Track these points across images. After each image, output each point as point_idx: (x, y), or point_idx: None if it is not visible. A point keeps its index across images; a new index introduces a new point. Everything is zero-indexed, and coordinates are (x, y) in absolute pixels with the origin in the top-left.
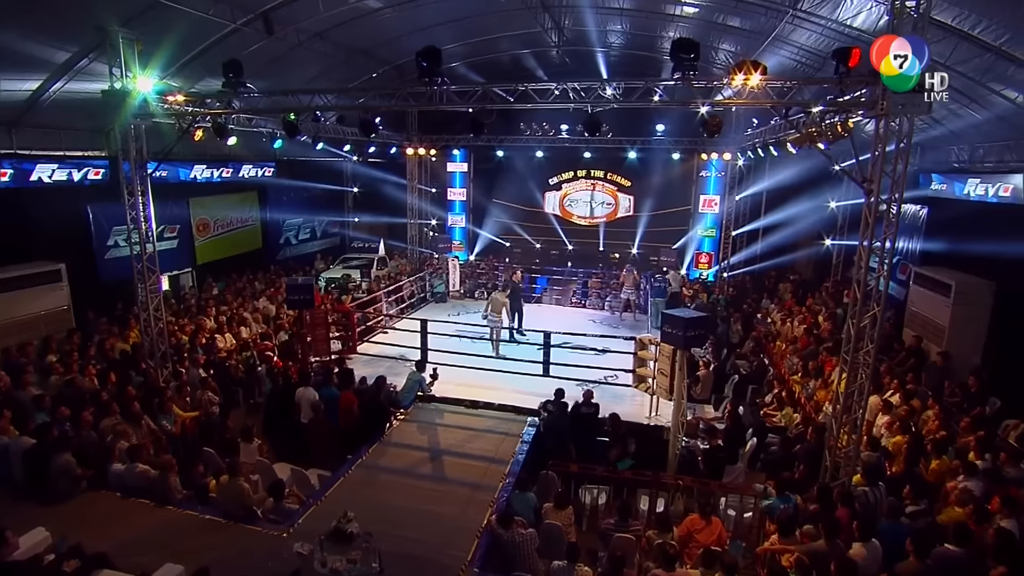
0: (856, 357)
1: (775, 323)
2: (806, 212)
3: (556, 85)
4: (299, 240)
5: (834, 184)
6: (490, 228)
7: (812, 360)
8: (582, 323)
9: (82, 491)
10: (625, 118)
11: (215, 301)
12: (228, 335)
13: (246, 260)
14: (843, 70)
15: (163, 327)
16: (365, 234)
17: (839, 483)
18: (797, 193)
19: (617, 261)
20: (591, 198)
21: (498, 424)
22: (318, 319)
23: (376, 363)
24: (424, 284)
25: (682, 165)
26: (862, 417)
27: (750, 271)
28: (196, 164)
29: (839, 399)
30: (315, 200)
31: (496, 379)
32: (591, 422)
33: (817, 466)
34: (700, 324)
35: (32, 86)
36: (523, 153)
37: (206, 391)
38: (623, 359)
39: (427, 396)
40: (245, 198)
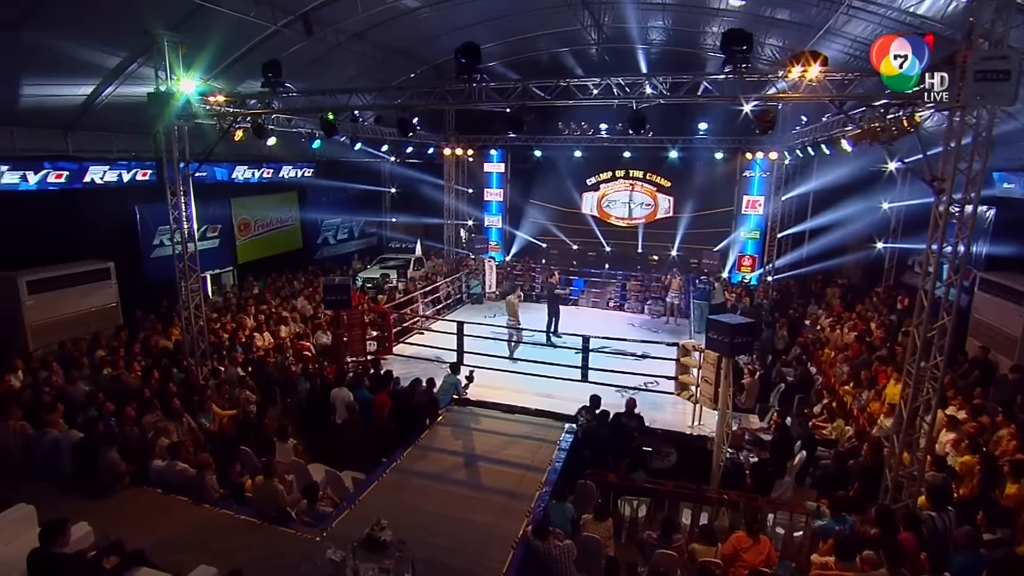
0: (922, 371)
1: (823, 329)
2: (856, 214)
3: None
4: (337, 240)
5: (888, 184)
6: (526, 229)
7: (864, 369)
8: (621, 327)
9: (125, 487)
10: (666, 117)
11: (255, 300)
12: (267, 334)
13: (286, 260)
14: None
15: (203, 325)
16: (402, 234)
17: (902, 505)
18: (847, 194)
19: (657, 264)
20: (629, 199)
21: (534, 430)
22: (355, 319)
23: (412, 364)
24: (460, 285)
25: (725, 165)
26: (928, 435)
27: (795, 275)
28: (238, 165)
29: (901, 414)
30: (353, 200)
31: (533, 383)
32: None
33: (874, 485)
34: (747, 331)
35: (87, 91)
36: (561, 153)
37: (244, 390)
38: (664, 365)
39: (462, 399)
40: (285, 198)
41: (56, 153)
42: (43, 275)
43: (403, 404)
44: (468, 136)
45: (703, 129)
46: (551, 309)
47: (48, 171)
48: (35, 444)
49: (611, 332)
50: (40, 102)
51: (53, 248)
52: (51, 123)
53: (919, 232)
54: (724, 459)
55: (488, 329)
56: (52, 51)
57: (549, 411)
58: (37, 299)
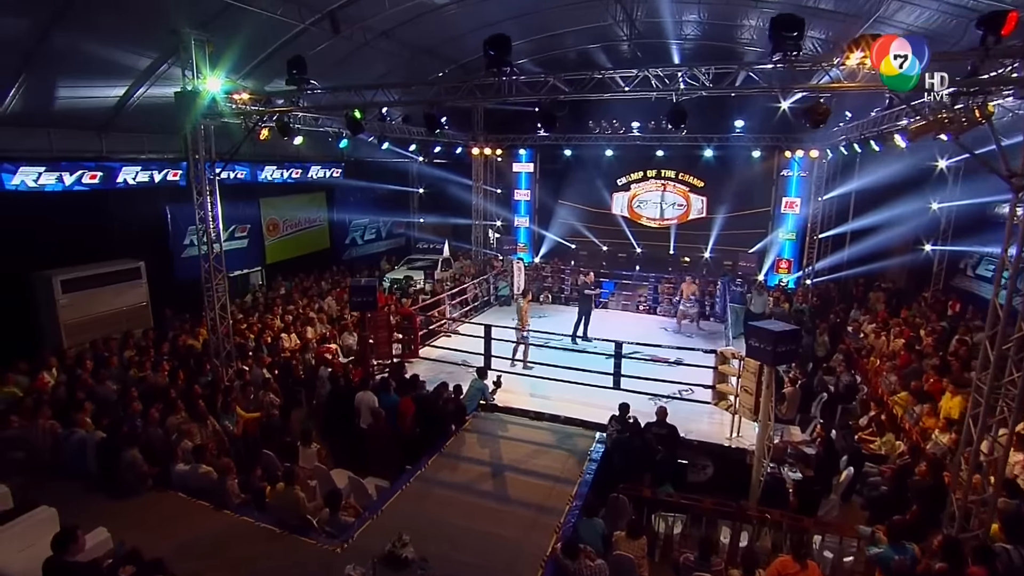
0: (996, 387)
1: (867, 336)
2: (902, 215)
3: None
4: (365, 240)
5: (938, 183)
6: (555, 230)
7: (915, 379)
8: (652, 331)
9: (147, 489)
10: (702, 114)
11: (283, 300)
12: (293, 335)
13: (314, 260)
14: (991, 40)
15: (229, 326)
16: (430, 235)
17: (973, 535)
18: (892, 194)
19: (689, 265)
20: (661, 199)
21: (564, 439)
22: (380, 321)
23: (438, 367)
24: (488, 287)
25: (761, 164)
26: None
27: (835, 278)
28: (266, 165)
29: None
30: (381, 201)
31: (562, 390)
32: (666, 445)
33: (935, 509)
34: (791, 339)
35: (119, 92)
36: (591, 152)
37: (268, 392)
38: (700, 373)
39: (489, 405)
40: (313, 198)
41: (91, 154)
42: (76, 274)
43: (429, 409)
44: (497, 136)
45: (740, 127)
46: (582, 309)
47: (83, 172)
48: (63, 443)
49: (643, 336)
50: (74, 104)
51: (86, 248)
52: (85, 124)
53: (971, 234)
54: (764, 474)
55: (509, 332)
56: (84, 53)
57: (579, 419)
58: (71, 298)
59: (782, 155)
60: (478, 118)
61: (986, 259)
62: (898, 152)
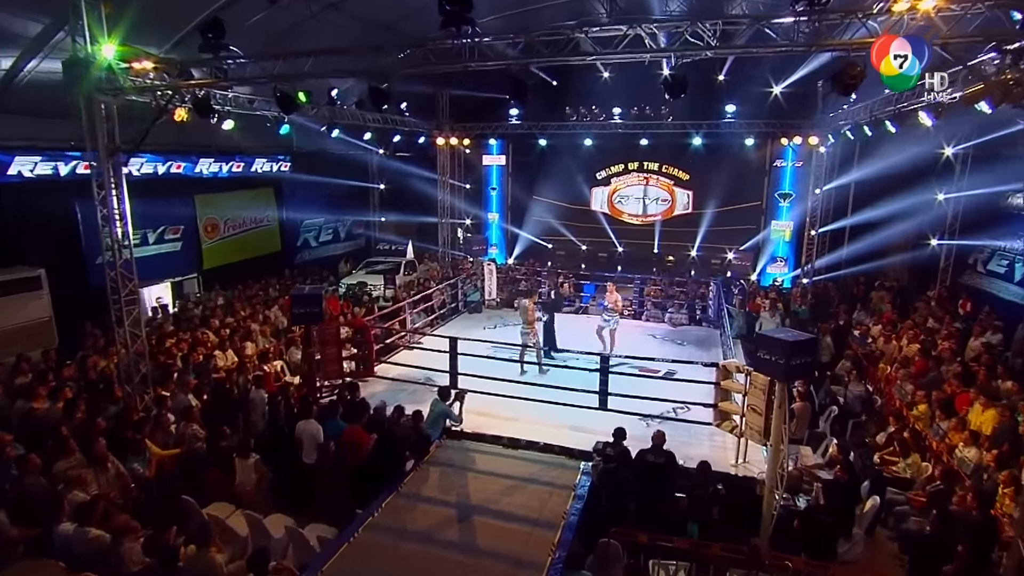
0: None
1: (875, 340)
2: (905, 207)
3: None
4: (320, 242)
5: (944, 172)
6: (530, 228)
7: (934, 389)
8: (640, 339)
9: (17, 557)
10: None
11: (223, 311)
12: (230, 352)
13: (263, 264)
14: None
15: (144, 345)
16: (392, 235)
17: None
18: (894, 185)
19: (674, 265)
20: (644, 194)
21: (544, 471)
22: (328, 335)
23: (397, 387)
24: (456, 292)
25: (752, 154)
26: None
27: (834, 277)
28: (201, 157)
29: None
30: (337, 198)
31: (541, 411)
32: (663, 476)
33: (987, 550)
34: (807, 349)
35: (4, 64)
36: (568, 142)
37: (191, 423)
38: (695, 389)
39: (455, 431)
40: (259, 195)
41: None
42: None
43: (384, 439)
44: (464, 124)
45: (731, 112)
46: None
47: None
48: None
49: (629, 346)
50: None
51: None
52: None
53: (981, 227)
54: (778, 506)
55: (487, 345)
56: None
57: (561, 446)
58: None
59: (775, 144)
60: (443, 104)
61: (998, 254)
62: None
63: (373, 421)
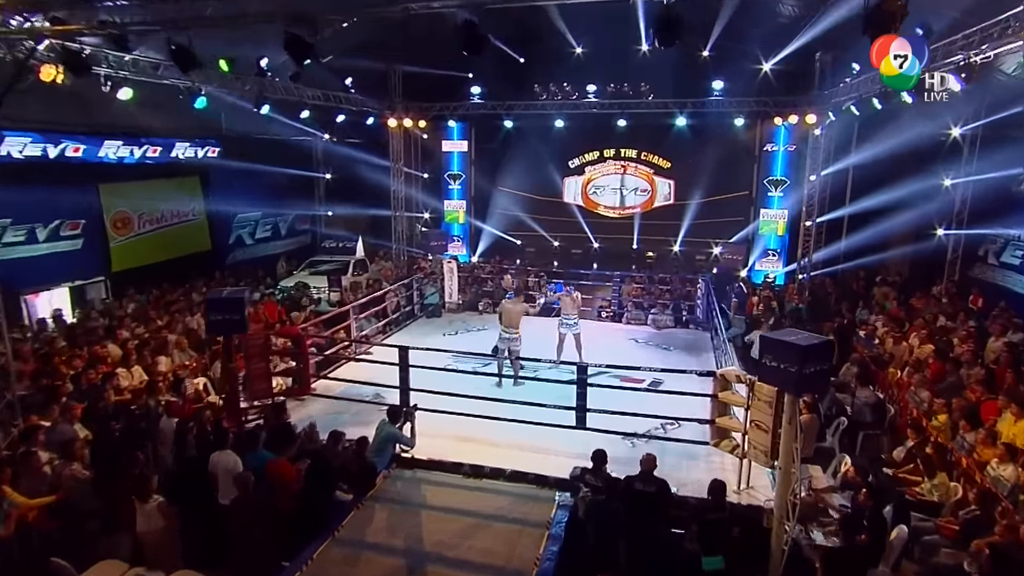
0: None
1: (882, 341)
2: (908, 194)
3: None
4: (256, 239)
5: (951, 155)
6: (496, 223)
7: (955, 396)
8: (620, 344)
9: None
10: (672, 75)
11: (134, 320)
12: (138, 368)
13: (189, 265)
14: None
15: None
16: (342, 231)
17: None
18: (896, 171)
19: (654, 261)
20: (621, 184)
21: (513, 505)
22: (254, 348)
23: (340, 407)
24: (412, 294)
25: (741, 137)
26: None
27: (831, 272)
28: (107, 139)
29: None
30: (277, 189)
31: (508, 431)
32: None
33: None
34: (822, 354)
35: None
36: (537, 124)
37: (69, 463)
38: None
39: (406, 459)
40: (182, 185)
41: None
42: None
43: (318, 472)
44: (420, 104)
45: (718, 89)
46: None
47: None
48: None
49: (610, 352)
50: None
51: None
52: None
53: (993, 215)
54: (788, 540)
55: (445, 355)
56: None
57: (533, 474)
58: None
59: (766, 125)
60: (395, 81)
61: (1012, 244)
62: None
63: (306, 450)
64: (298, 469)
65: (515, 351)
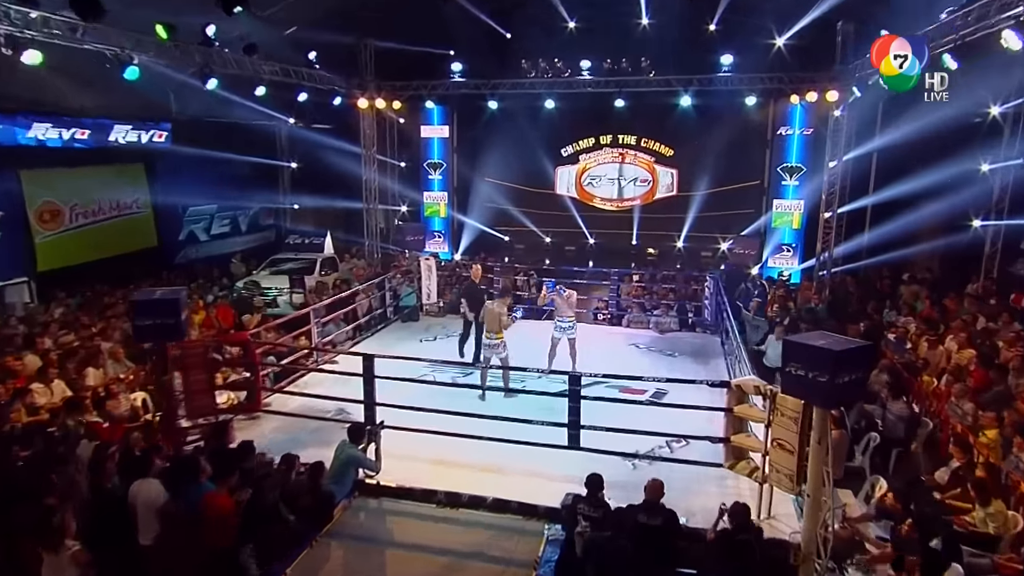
0: None
1: (915, 346)
2: (940, 182)
3: None
4: (212, 235)
5: (989, 138)
6: (481, 216)
7: (1005, 408)
8: (620, 350)
9: None
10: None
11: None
12: (59, 382)
13: (132, 263)
14: None
15: None
16: (310, 226)
17: None
18: (926, 154)
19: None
20: (619, 173)
21: (495, 540)
22: (193, 357)
23: (297, 426)
24: (385, 295)
25: (752, 119)
26: None
27: (851, 269)
28: (35, 120)
29: None
30: (236, 179)
31: (489, 453)
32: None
33: None
34: (860, 361)
35: None
36: (525, 105)
37: None
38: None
39: (371, 486)
40: (123, 173)
41: None
42: None
43: (263, 505)
44: (394, 82)
45: (727, 65)
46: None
47: None
48: None
49: (608, 360)
50: None
51: None
52: None
53: None
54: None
55: (419, 364)
56: None
57: (518, 502)
58: None
59: (780, 105)
60: (367, 57)
61: None
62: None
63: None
64: (238, 501)
65: (503, 359)
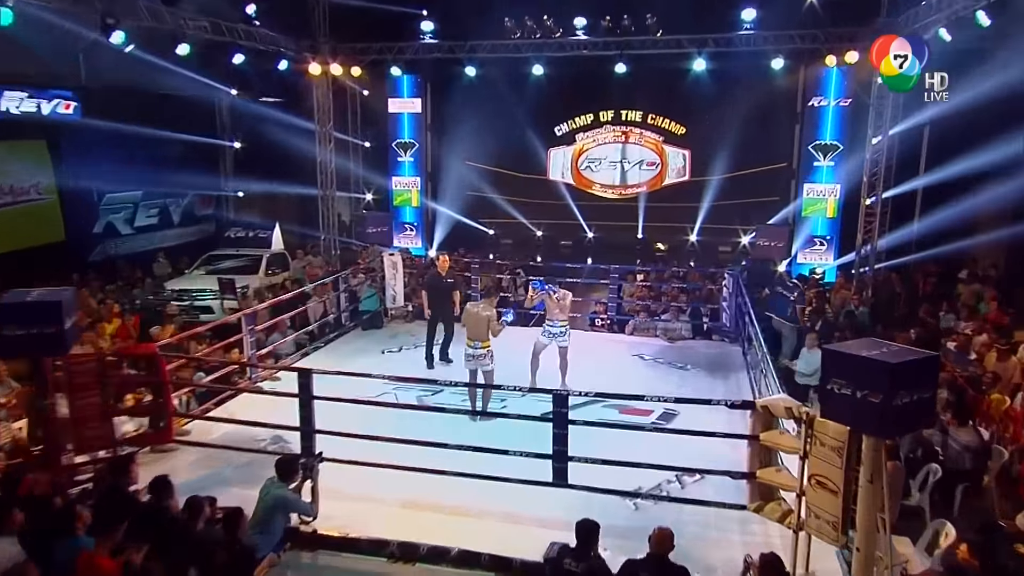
0: None
1: (981, 357)
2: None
3: None
4: (137, 228)
5: None
6: (460, 206)
7: None
8: (621, 362)
9: None
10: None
11: None
12: None
13: (33, 261)
14: None
15: None
16: (256, 217)
17: None
18: (987, 127)
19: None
20: (622, 155)
21: None
22: (82, 376)
23: (220, 460)
24: (339, 298)
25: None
26: None
27: (899, 264)
28: None
29: None
30: (166, 160)
31: (456, 491)
32: None
33: None
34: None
35: None
36: (510, 72)
37: None
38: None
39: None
40: (15, 150)
41: None
42: None
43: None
44: (354, 44)
45: (749, 21)
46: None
47: None
48: None
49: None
50: None
51: None
52: None
53: None
54: None
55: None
56: None
57: (489, 554)
58: None
59: (812, 70)
60: (320, 15)
61: None
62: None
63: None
64: (124, 562)
65: (487, 372)
